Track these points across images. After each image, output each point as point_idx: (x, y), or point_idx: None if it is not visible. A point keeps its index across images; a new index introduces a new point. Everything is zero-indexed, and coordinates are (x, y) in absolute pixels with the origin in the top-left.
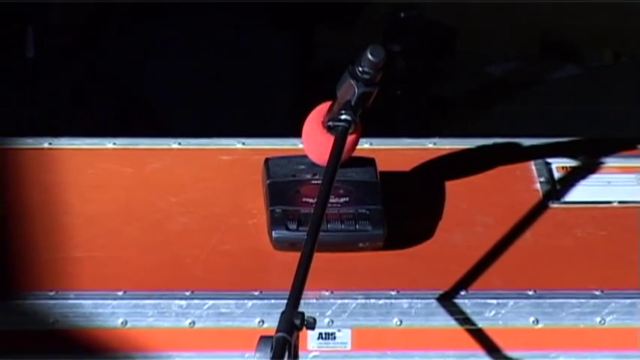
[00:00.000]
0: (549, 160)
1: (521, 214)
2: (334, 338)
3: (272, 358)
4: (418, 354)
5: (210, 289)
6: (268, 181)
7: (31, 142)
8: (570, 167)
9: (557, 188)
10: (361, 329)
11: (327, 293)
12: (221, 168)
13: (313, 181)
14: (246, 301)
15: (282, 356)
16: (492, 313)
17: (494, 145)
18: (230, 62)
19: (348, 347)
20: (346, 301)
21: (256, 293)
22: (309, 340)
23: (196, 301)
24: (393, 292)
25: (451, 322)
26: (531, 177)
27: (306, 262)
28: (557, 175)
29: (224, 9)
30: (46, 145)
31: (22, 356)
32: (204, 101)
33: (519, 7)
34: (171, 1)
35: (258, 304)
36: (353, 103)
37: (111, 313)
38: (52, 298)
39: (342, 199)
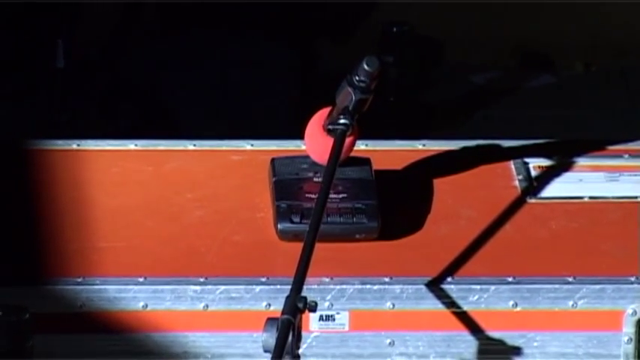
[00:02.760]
0: (527, 159)
1: (501, 208)
2: (333, 320)
3: (277, 338)
4: (409, 334)
5: (222, 276)
6: (274, 179)
7: (61, 144)
8: (546, 166)
9: (534, 185)
10: (358, 312)
11: (327, 279)
12: (232, 167)
13: (315, 179)
14: (254, 286)
15: (287, 336)
16: (476, 298)
17: (477, 146)
18: (240, 72)
19: (346, 328)
20: (344, 286)
21: (263, 279)
22: (311, 321)
23: (209, 287)
24: (387, 279)
25: (439, 306)
26: (510, 175)
27: (309, 252)
28: (534, 173)
29: (235, 24)
30: (74, 147)
31: (53, 336)
32: (217, 107)
33: (500, 22)
34: (187, 9)
35: (265, 290)
36: (350, 108)
37: (132, 297)
38: (79, 284)
39: (341, 195)
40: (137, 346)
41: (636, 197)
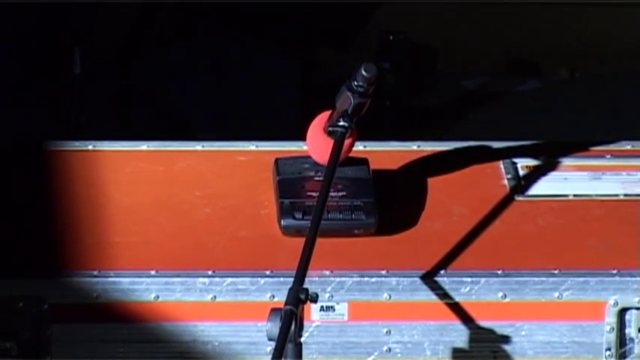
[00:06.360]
0: (515, 160)
1: (491, 205)
2: (333, 310)
3: (281, 327)
4: (405, 324)
5: (229, 269)
6: (278, 178)
7: (77, 145)
8: (533, 166)
9: (522, 184)
10: (356, 303)
11: (327, 272)
12: (238, 166)
13: (316, 178)
14: (259, 279)
15: (290, 326)
16: (467, 289)
17: (468, 147)
18: (246, 77)
19: (345, 318)
20: (344, 279)
21: (268, 272)
22: (313, 312)
23: (217, 279)
24: (384, 272)
25: (432, 297)
26: (500, 174)
27: (310, 246)
28: (521, 172)
29: (241, 32)
30: (90, 147)
31: (70, 326)
32: (224, 110)
33: (489, 31)
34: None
35: (270, 282)
36: (349, 111)
37: (145, 289)
38: (95, 276)
39: (340, 193)
40: (149, 335)
41: (618, 195)
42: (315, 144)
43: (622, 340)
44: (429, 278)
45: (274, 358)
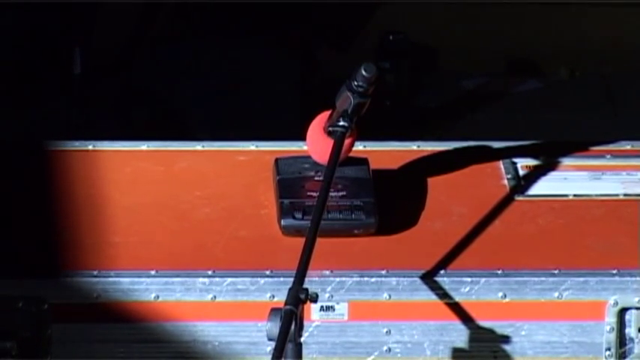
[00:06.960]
0: (515, 159)
1: (491, 205)
2: (333, 310)
3: (281, 327)
4: (405, 324)
5: (229, 269)
6: (278, 178)
7: (77, 145)
8: (533, 166)
9: (522, 184)
10: (356, 303)
11: (327, 272)
12: (238, 166)
13: (316, 178)
14: (259, 279)
15: (290, 325)
16: (467, 289)
17: (468, 147)
18: (246, 77)
19: (345, 318)
20: (344, 279)
21: (268, 272)
22: (313, 311)
23: (217, 279)
24: (384, 272)
25: (432, 297)
26: (500, 174)
27: (310, 246)
28: (521, 172)
29: (243, 34)
30: (90, 147)
31: (71, 325)
32: (224, 111)
33: (489, 31)
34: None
35: (270, 282)
36: (349, 111)
37: (145, 289)
38: (95, 276)
39: (340, 193)
40: (149, 335)
41: (617, 195)
42: (315, 144)
43: (622, 340)
44: (429, 278)
45: (274, 358)
